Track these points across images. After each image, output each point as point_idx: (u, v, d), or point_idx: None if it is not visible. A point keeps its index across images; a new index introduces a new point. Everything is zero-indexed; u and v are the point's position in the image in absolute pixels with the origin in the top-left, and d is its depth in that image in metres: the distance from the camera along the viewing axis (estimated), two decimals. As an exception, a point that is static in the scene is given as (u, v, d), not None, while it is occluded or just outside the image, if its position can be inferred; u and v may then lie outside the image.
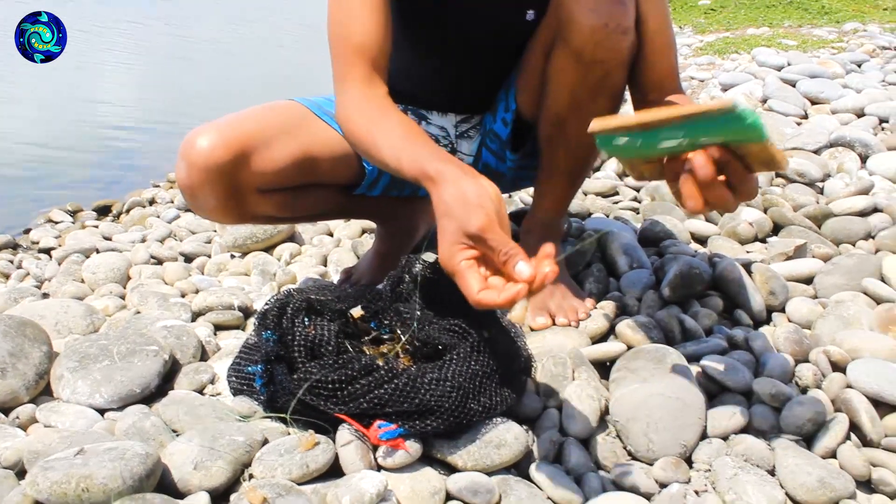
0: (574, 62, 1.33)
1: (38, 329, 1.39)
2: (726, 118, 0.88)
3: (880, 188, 2.20)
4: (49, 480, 0.97)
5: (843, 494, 1.13)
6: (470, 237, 0.95)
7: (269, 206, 1.46)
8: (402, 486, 1.08)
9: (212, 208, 1.40)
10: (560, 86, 1.39)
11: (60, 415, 1.25)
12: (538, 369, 1.36)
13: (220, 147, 1.34)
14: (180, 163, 1.37)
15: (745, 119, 0.88)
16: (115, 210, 3.15)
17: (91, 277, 2.05)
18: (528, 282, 0.90)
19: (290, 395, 1.15)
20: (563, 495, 1.12)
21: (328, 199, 1.58)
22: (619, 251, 1.72)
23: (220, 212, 1.41)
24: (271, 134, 1.40)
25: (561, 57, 1.35)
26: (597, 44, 1.30)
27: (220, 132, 1.36)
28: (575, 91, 1.37)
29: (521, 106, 1.50)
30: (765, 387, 1.30)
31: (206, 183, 1.35)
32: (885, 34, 5.08)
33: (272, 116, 1.44)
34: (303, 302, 1.23)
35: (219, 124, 1.38)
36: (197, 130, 1.37)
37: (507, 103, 1.52)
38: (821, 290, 1.65)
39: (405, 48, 1.46)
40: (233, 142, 1.35)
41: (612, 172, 2.56)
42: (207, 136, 1.35)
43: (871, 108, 2.84)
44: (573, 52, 1.33)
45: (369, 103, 1.26)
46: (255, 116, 1.42)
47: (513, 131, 1.54)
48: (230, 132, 1.36)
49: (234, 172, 1.36)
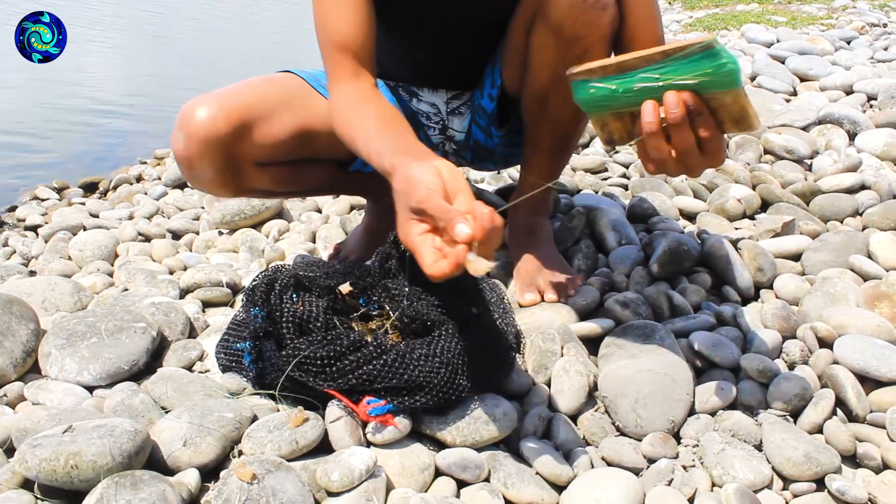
0: (553, 38, 1.33)
1: (24, 307, 1.39)
2: (704, 56, 0.88)
3: (868, 165, 2.21)
4: (38, 458, 0.96)
5: (828, 469, 1.14)
6: (414, 211, 0.96)
7: (266, 179, 1.45)
8: (392, 462, 1.08)
9: (209, 180, 1.39)
10: (541, 62, 1.38)
11: (48, 392, 1.24)
12: (527, 345, 1.36)
13: (220, 118, 1.32)
14: (178, 133, 1.35)
15: (721, 57, 0.87)
16: (101, 187, 3.13)
17: (78, 255, 2.04)
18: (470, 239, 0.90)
19: (279, 371, 1.15)
20: (551, 471, 1.12)
21: (324, 175, 1.58)
22: (607, 227, 1.72)
23: (217, 184, 1.40)
24: (271, 106, 1.38)
25: (541, 33, 1.35)
26: (575, 19, 1.29)
27: (220, 103, 1.34)
28: (555, 67, 1.36)
29: (506, 81, 1.49)
30: (752, 362, 1.31)
31: (205, 154, 1.34)
32: (875, 11, 5.08)
33: (271, 89, 1.42)
34: (291, 278, 1.23)
35: (218, 95, 1.36)
36: (195, 101, 1.35)
37: (492, 79, 1.51)
38: (808, 266, 1.66)
39: (393, 27, 1.45)
40: (233, 113, 1.33)
41: (600, 149, 2.55)
42: (207, 107, 1.33)
43: (859, 85, 2.84)
44: (552, 28, 1.32)
45: (352, 99, 1.27)
46: (255, 88, 1.40)
47: (498, 106, 1.53)
48: (230, 103, 1.34)
49: (233, 144, 1.34)
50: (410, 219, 0.96)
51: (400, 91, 1.60)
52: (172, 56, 6.69)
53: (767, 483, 1.14)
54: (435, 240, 0.94)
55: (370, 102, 1.26)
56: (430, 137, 1.64)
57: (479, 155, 1.65)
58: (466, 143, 1.63)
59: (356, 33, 1.29)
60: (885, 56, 3.51)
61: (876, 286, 1.50)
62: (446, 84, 1.59)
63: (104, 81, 5.48)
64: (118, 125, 4.36)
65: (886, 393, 1.26)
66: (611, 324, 1.41)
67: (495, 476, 1.10)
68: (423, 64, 1.56)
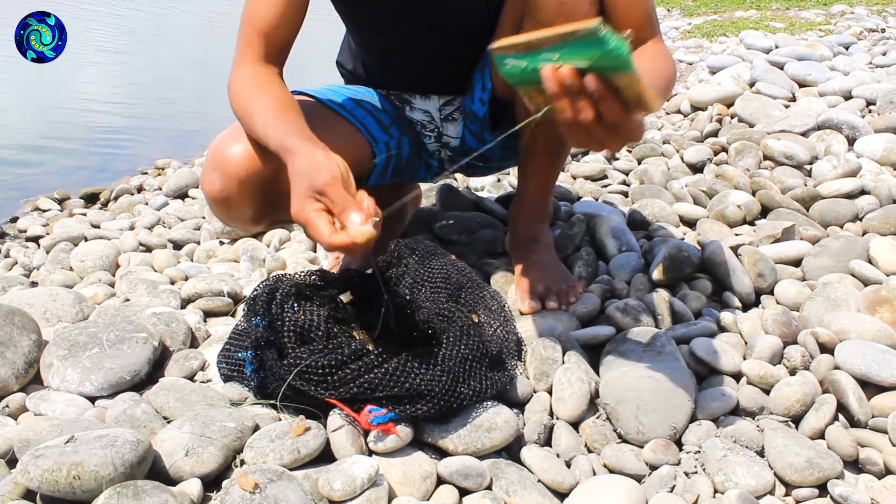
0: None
1: (26, 317, 1.39)
2: (592, 41, 0.89)
3: (867, 170, 2.21)
4: (40, 468, 0.96)
5: (830, 474, 1.14)
6: (316, 191, 1.04)
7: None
8: (394, 471, 1.08)
9: (248, 218, 1.35)
10: None
11: (50, 403, 1.24)
12: (528, 353, 1.36)
13: (258, 154, 1.27)
14: (212, 174, 1.30)
15: (606, 43, 0.88)
16: (102, 198, 3.13)
17: (79, 265, 2.04)
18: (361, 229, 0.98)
19: (281, 380, 1.15)
20: (553, 478, 1.12)
21: None
22: (607, 235, 1.72)
23: (255, 221, 1.37)
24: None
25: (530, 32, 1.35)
26: (566, 17, 1.29)
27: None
28: None
29: (496, 85, 1.50)
30: (753, 368, 1.31)
31: (246, 194, 1.29)
32: (873, 16, 5.09)
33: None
34: (292, 287, 1.23)
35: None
36: (226, 137, 1.30)
37: (483, 83, 1.51)
38: (809, 272, 1.66)
39: (381, 28, 1.46)
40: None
41: (600, 156, 2.56)
42: (243, 144, 1.28)
43: (858, 90, 2.84)
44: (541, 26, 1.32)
45: (255, 80, 1.28)
46: None
47: (490, 111, 1.53)
48: None
49: (274, 181, 1.28)
50: (309, 196, 1.04)
51: (393, 100, 1.60)
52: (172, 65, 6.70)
53: (770, 489, 1.13)
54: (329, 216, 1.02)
55: (274, 86, 1.28)
56: (427, 145, 1.64)
57: (473, 160, 1.66)
58: (461, 149, 1.63)
59: (279, 23, 1.31)
60: (883, 61, 3.52)
61: (876, 291, 1.50)
62: (437, 90, 1.59)
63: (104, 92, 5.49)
64: (119, 136, 4.36)
65: (888, 398, 1.26)
66: (612, 331, 1.41)
67: (497, 484, 1.10)
68: (412, 69, 1.55)
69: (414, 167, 1.63)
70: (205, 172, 1.32)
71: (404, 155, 1.56)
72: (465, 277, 1.42)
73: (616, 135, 0.99)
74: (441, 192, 2.04)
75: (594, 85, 0.93)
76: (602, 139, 1.00)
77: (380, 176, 1.54)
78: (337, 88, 1.54)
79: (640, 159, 2.52)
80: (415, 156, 1.61)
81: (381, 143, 1.50)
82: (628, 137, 1.00)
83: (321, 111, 1.45)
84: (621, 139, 1.00)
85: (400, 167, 1.58)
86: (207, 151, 1.34)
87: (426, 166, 1.67)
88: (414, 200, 1.86)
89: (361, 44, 1.58)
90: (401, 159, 1.56)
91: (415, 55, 1.53)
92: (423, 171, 1.67)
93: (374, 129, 1.49)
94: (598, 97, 0.94)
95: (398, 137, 1.54)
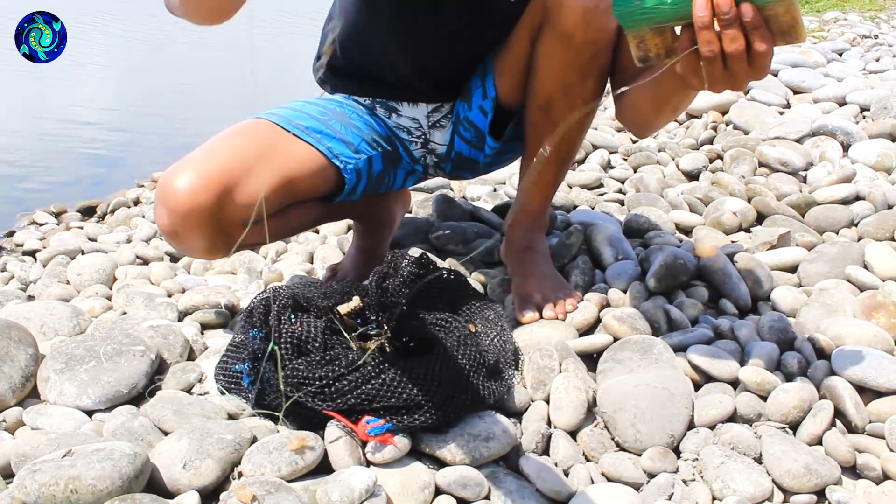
0: (565, 44, 1.35)
1: (23, 331, 1.39)
2: None
3: (862, 176, 2.21)
4: (37, 483, 0.96)
5: (828, 480, 1.14)
6: None
7: (255, 235, 1.43)
8: (392, 481, 1.08)
9: (200, 249, 1.36)
10: (549, 69, 1.40)
11: (48, 417, 1.24)
12: (525, 362, 1.36)
13: (201, 189, 1.28)
14: (159, 209, 1.31)
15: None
16: (99, 211, 3.13)
17: (76, 279, 2.04)
18: None
19: (278, 392, 1.15)
20: (551, 487, 1.12)
21: (309, 213, 1.57)
22: (604, 243, 1.72)
23: (209, 251, 1.37)
24: (249, 164, 1.34)
25: (550, 40, 1.37)
26: (588, 24, 1.32)
27: (198, 172, 1.29)
28: (564, 73, 1.38)
29: (500, 93, 1.50)
30: (750, 375, 1.31)
31: (192, 227, 1.30)
32: (866, 23, 5.11)
33: (245, 144, 1.39)
34: (289, 299, 1.23)
35: (194, 162, 1.31)
36: (173, 171, 1.31)
37: (484, 90, 1.52)
38: (805, 278, 1.67)
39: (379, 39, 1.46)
40: (213, 181, 1.29)
41: (596, 164, 2.56)
42: (186, 178, 1.29)
43: (852, 96, 2.85)
44: (564, 33, 1.34)
45: None
46: (229, 147, 1.37)
47: (493, 119, 1.54)
48: (208, 170, 1.30)
49: (218, 212, 1.30)
50: None
51: (378, 109, 1.60)
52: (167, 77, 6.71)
53: (768, 496, 1.13)
54: None
55: None
56: (413, 152, 1.64)
57: (460, 165, 1.66)
58: (448, 155, 1.64)
59: None
60: (876, 67, 3.53)
61: (872, 296, 1.51)
62: (426, 97, 1.59)
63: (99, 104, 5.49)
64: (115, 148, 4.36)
65: (885, 403, 1.26)
66: (609, 339, 1.42)
67: (495, 494, 1.10)
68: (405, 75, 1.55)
69: (389, 180, 1.63)
70: (154, 205, 1.33)
71: (375, 172, 1.56)
72: (462, 287, 1.42)
73: (751, 69, 0.98)
74: (437, 203, 2.05)
75: (752, 13, 0.93)
76: (741, 75, 0.99)
77: (348, 194, 1.54)
78: (307, 108, 1.53)
79: (636, 167, 2.52)
80: (388, 168, 1.61)
81: (350, 164, 1.50)
82: (759, 74, 1.00)
83: (276, 135, 1.44)
84: (754, 75, 1.00)
85: (371, 184, 1.58)
86: (157, 184, 1.34)
87: (410, 172, 1.67)
88: (403, 204, 1.86)
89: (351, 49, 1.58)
90: (371, 177, 1.56)
91: (414, 63, 1.53)
92: (403, 177, 1.67)
93: (340, 152, 1.49)
94: (752, 26, 0.94)
95: (368, 155, 1.54)
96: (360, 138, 1.54)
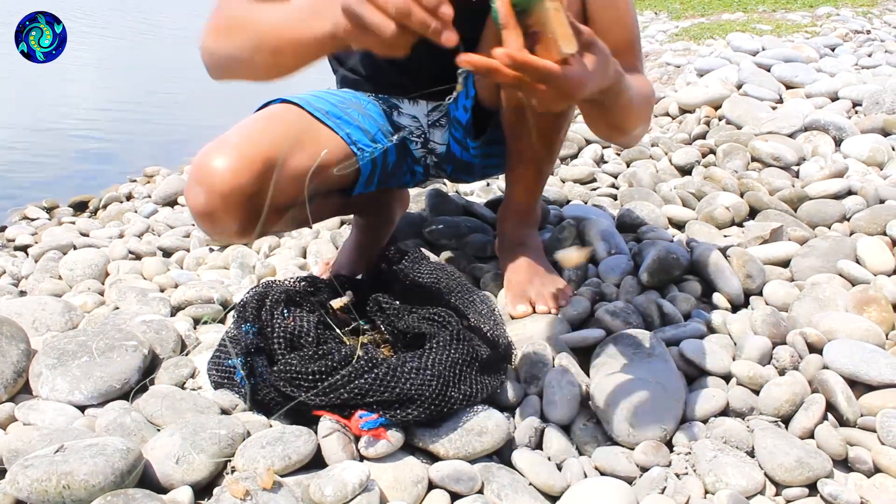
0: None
1: (15, 327, 1.38)
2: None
3: (854, 171, 2.22)
4: (29, 478, 0.96)
5: (820, 473, 1.15)
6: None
7: (283, 222, 1.42)
8: (385, 476, 1.08)
9: (233, 232, 1.32)
10: None
11: (40, 412, 1.24)
12: (518, 356, 1.36)
13: (243, 170, 1.25)
14: (195, 188, 1.27)
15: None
16: (91, 206, 3.12)
17: (69, 274, 2.03)
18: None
19: (271, 387, 1.15)
20: (544, 481, 1.12)
21: (332, 204, 1.57)
22: (597, 237, 1.73)
23: (240, 234, 1.33)
24: (286, 149, 1.32)
25: None
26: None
27: (240, 152, 1.26)
28: None
29: (479, 92, 1.50)
30: (743, 369, 1.31)
31: (230, 208, 1.26)
32: (858, 18, 5.12)
33: (281, 128, 1.37)
34: (282, 294, 1.23)
35: (236, 144, 1.28)
36: (210, 151, 1.28)
37: (466, 90, 1.51)
38: (797, 272, 1.67)
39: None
40: (255, 163, 1.25)
41: (589, 159, 2.57)
42: (227, 158, 1.25)
43: (844, 91, 2.86)
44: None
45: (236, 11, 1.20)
46: (266, 131, 1.35)
47: (473, 118, 1.53)
48: (250, 152, 1.27)
49: (258, 195, 1.25)
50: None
51: (380, 104, 1.60)
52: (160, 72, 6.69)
53: (760, 489, 1.14)
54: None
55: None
56: (413, 151, 1.64)
57: (458, 167, 1.66)
58: (447, 155, 1.63)
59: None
60: (869, 62, 3.54)
61: (864, 291, 1.51)
62: (426, 95, 1.58)
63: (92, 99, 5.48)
64: (107, 144, 4.35)
65: (876, 396, 1.27)
66: (602, 333, 1.42)
67: (489, 488, 1.10)
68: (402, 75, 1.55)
69: (399, 174, 1.63)
70: (189, 186, 1.29)
71: (390, 163, 1.56)
72: (455, 281, 1.42)
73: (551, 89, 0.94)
74: (430, 197, 2.05)
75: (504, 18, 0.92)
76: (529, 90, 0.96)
77: (365, 185, 1.54)
78: (324, 95, 1.53)
79: (629, 162, 2.53)
80: (401, 162, 1.61)
81: (366, 153, 1.50)
82: (561, 90, 0.95)
83: (305, 120, 1.44)
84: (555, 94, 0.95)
85: (385, 175, 1.58)
86: (191, 164, 1.32)
87: (411, 173, 1.67)
88: (402, 204, 1.87)
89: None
90: (386, 168, 1.56)
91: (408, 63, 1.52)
92: (409, 177, 1.67)
93: (358, 139, 1.48)
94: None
95: (384, 146, 1.54)
96: (377, 128, 1.53)
